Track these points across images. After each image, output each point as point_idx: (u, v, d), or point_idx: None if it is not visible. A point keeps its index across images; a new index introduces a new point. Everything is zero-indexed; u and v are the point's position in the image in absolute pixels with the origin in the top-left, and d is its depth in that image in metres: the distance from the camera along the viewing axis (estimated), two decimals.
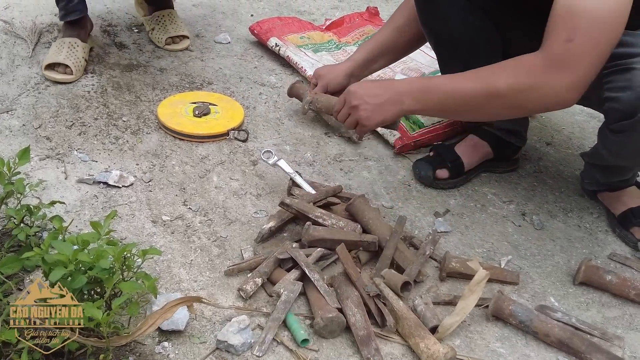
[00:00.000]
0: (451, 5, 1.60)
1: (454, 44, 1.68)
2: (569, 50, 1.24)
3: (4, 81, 2.08)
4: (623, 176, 1.67)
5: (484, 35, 1.63)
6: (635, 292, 1.46)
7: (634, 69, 1.31)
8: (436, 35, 1.70)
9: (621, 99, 1.33)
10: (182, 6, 2.72)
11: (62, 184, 1.66)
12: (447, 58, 1.75)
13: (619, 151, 1.48)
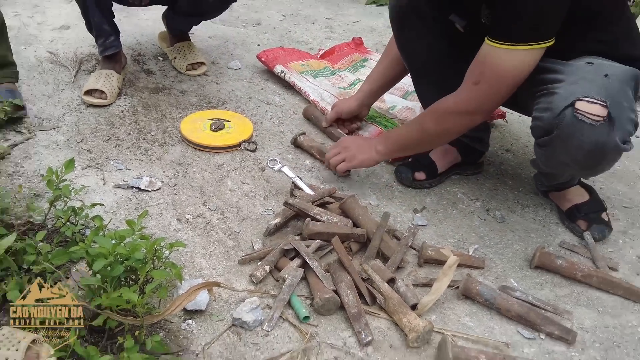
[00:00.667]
0: (420, 35, 1.65)
1: (422, 64, 1.73)
2: (474, 90, 1.41)
3: (51, 103, 2.08)
4: (558, 180, 1.67)
5: (447, 58, 1.68)
6: (582, 274, 1.47)
7: (555, 94, 1.32)
8: (408, 57, 1.74)
9: (543, 118, 1.34)
10: (200, 38, 2.72)
11: (101, 189, 1.66)
12: (419, 76, 1.79)
13: (546, 162, 1.48)
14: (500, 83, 1.37)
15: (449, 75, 1.64)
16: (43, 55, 2.42)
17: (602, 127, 1.27)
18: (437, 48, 1.66)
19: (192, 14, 2.27)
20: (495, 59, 1.34)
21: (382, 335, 1.27)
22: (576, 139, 1.29)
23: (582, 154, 1.32)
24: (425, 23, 1.63)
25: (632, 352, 1.30)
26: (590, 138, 1.28)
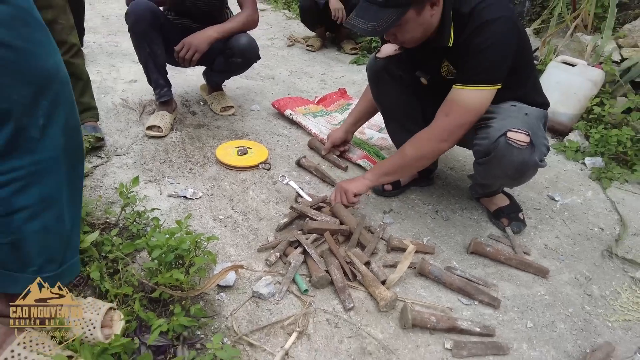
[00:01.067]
0: (391, 89, 1.66)
1: (392, 110, 1.73)
2: (444, 121, 1.37)
3: (123, 135, 2.09)
4: (490, 189, 1.67)
5: (409, 106, 1.68)
6: (504, 257, 1.47)
7: (491, 127, 1.36)
8: (382, 106, 1.74)
9: (482, 144, 1.37)
10: (230, 88, 2.73)
11: (158, 198, 1.66)
12: (388, 118, 1.79)
13: (484, 176, 1.50)
14: (467, 114, 1.34)
15: (411, 117, 1.68)
16: (117, 101, 2.43)
17: (527, 150, 1.30)
18: (402, 98, 1.67)
19: (225, 72, 2.28)
20: (463, 96, 1.33)
21: (360, 303, 1.27)
22: (508, 158, 1.32)
23: (512, 169, 1.35)
24: (394, 80, 1.63)
25: (540, 313, 1.30)
26: (519, 158, 1.31)
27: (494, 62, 1.29)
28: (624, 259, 1.55)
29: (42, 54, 0.81)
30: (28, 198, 0.85)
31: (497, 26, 1.26)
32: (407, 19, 1.29)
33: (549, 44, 2.88)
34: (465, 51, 1.31)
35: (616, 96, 2.49)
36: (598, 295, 1.39)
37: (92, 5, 4.47)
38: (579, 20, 2.87)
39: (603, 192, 1.97)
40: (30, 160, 0.83)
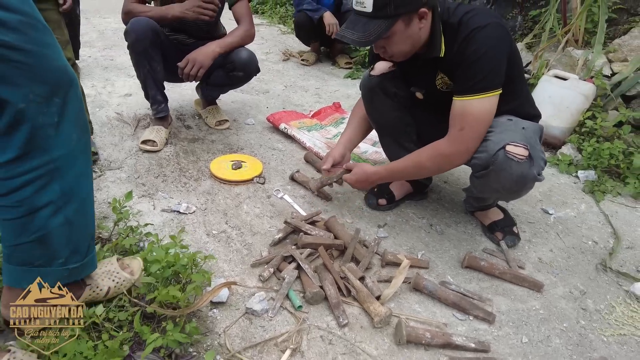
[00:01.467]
0: (384, 106, 1.66)
1: (386, 127, 1.73)
2: (461, 135, 1.35)
3: (117, 150, 2.08)
4: (485, 203, 1.68)
5: (404, 122, 1.69)
6: (499, 272, 1.47)
7: (489, 140, 1.36)
8: (376, 122, 1.74)
9: (481, 158, 1.37)
10: (225, 102, 2.74)
11: (152, 212, 1.66)
12: (382, 133, 1.78)
13: (481, 189, 1.50)
14: (480, 124, 1.34)
15: (405, 134, 1.69)
16: (112, 115, 2.43)
17: (526, 163, 1.31)
18: (397, 115, 1.67)
19: (224, 85, 2.29)
20: (472, 107, 1.32)
21: (355, 319, 1.26)
22: (506, 172, 1.33)
23: (511, 182, 1.36)
24: (389, 97, 1.64)
25: (535, 328, 1.30)
26: (517, 171, 1.32)
27: (492, 68, 1.29)
28: (618, 273, 1.55)
29: (52, 54, 0.86)
30: (50, 194, 0.91)
31: (488, 31, 1.28)
32: (395, 31, 1.31)
33: (541, 58, 2.91)
34: (461, 61, 1.32)
35: (607, 110, 2.52)
36: (593, 310, 1.39)
37: (88, 20, 4.50)
38: (570, 35, 2.91)
39: (596, 205, 1.97)
40: (48, 158, 0.88)
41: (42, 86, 0.84)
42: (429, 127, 1.67)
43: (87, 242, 1.04)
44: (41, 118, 0.85)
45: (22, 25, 0.80)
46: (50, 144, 0.88)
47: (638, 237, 1.76)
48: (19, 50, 0.80)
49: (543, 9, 3.33)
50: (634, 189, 2.04)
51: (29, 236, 0.92)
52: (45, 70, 0.85)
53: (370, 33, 1.29)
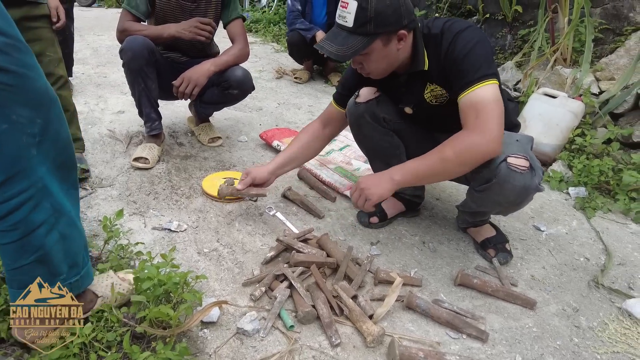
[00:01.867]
0: (373, 131, 1.66)
1: (377, 151, 1.73)
2: (479, 121, 1.28)
3: (109, 167, 2.07)
4: (484, 217, 1.68)
5: (394, 145, 1.70)
6: (492, 289, 1.46)
7: None
8: (366, 148, 1.75)
9: (483, 172, 1.39)
10: (218, 119, 2.75)
11: (143, 230, 1.64)
12: (371, 157, 1.79)
13: (481, 203, 1.51)
14: (493, 106, 1.27)
15: (395, 156, 1.70)
16: (104, 132, 2.42)
17: (528, 174, 1.33)
18: (386, 139, 1.68)
19: (219, 103, 2.30)
20: (478, 95, 1.28)
21: (347, 338, 1.25)
22: (510, 184, 1.34)
23: (514, 194, 1.37)
24: (378, 122, 1.64)
25: (529, 346, 1.29)
26: (521, 182, 1.33)
27: (485, 58, 1.30)
28: (610, 289, 1.55)
29: (34, 76, 0.87)
30: (43, 213, 0.92)
31: (470, 31, 1.34)
32: (373, 49, 1.34)
33: (530, 77, 2.96)
34: (452, 62, 1.34)
35: (596, 127, 2.55)
36: (586, 327, 1.38)
37: (82, 37, 4.52)
38: (559, 54, 2.97)
39: (587, 221, 1.99)
40: (35, 178, 0.89)
41: (25, 107, 0.85)
42: (417, 147, 1.68)
43: (82, 253, 1.05)
44: (25, 138, 0.86)
45: (7, 47, 0.81)
46: (34, 163, 0.89)
47: (629, 254, 1.77)
48: (4, 71, 0.80)
49: (532, 28, 3.39)
50: (624, 205, 2.06)
51: (28, 257, 0.93)
52: (28, 91, 0.85)
53: (348, 47, 1.32)
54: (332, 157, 2.33)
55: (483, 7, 3.79)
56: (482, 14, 3.80)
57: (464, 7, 3.99)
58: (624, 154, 2.37)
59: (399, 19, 1.31)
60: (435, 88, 1.47)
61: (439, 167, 1.33)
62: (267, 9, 6.13)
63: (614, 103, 2.54)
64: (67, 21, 2.58)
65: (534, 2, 3.40)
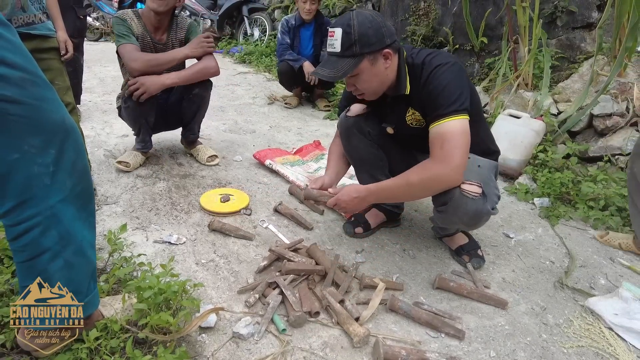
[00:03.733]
0: (360, 143, 1.67)
1: (362, 162, 1.74)
2: (443, 152, 1.28)
3: (113, 186, 2.05)
4: (449, 232, 1.69)
5: (377, 157, 1.71)
6: (467, 292, 1.47)
7: None
8: (353, 158, 1.75)
9: (440, 195, 1.40)
10: (215, 141, 2.75)
11: (145, 244, 1.62)
12: (358, 168, 1.79)
13: (443, 221, 1.52)
14: (459, 137, 1.27)
15: (379, 168, 1.71)
16: (109, 154, 2.41)
17: (480, 200, 1.33)
18: (371, 151, 1.69)
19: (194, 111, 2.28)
20: (446, 127, 1.28)
21: (335, 340, 1.24)
22: (463, 208, 1.34)
23: (467, 217, 1.37)
24: (364, 135, 1.65)
25: (502, 343, 1.29)
26: (472, 207, 1.33)
27: (458, 95, 1.30)
28: (573, 289, 1.56)
29: (49, 108, 0.85)
30: (49, 240, 0.89)
31: (449, 67, 1.34)
32: (362, 69, 1.35)
33: (496, 100, 3.02)
34: (429, 94, 1.34)
35: (556, 144, 2.61)
36: (553, 324, 1.39)
37: (90, 68, 4.51)
38: (521, 79, 3.04)
39: (552, 228, 2.01)
40: (45, 205, 0.87)
41: (37, 138, 0.83)
42: (400, 161, 1.70)
43: (87, 281, 1.01)
44: (36, 168, 0.84)
45: (23, 81, 0.80)
46: (47, 192, 0.87)
47: (589, 257, 1.79)
48: (17, 103, 0.79)
49: (497, 57, 3.48)
50: (584, 213, 2.09)
51: (32, 280, 0.92)
52: (42, 122, 0.84)
53: (339, 69, 1.33)
54: (320, 174, 2.34)
55: (453, 38, 3.88)
56: (453, 45, 3.89)
57: (436, 39, 4.08)
58: (581, 167, 2.42)
59: (382, 38, 1.33)
60: (415, 113, 1.49)
61: (404, 191, 1.37)
62: (259, 42, 6.20)
63: (571, 122, 2.59)
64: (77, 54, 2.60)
65: (498, 34, 3.49)
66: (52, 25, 1.74)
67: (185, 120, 2.33)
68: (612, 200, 2.07)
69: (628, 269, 1.72)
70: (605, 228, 2.02)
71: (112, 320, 1.09)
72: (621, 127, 2.44)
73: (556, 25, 3.16)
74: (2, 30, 0.77)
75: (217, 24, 6.65)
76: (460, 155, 1.28)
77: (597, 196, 2.12)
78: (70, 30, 2.13)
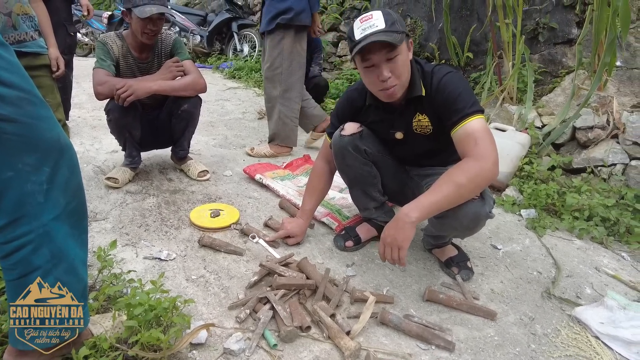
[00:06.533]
0: (355, 162, 1.67)
1: (357, 180, 1.75)
2: (479, 148, 1.29)
3: (103, 202, 2.04)
4: (444, 240, 1.70)
5: (371, 175, 1.72)
6: (456, 303, 1.48)
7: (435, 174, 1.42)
8: (347, 176, 1.75)
9: None
10: (205, 155, 2.76)
11: (135, 260, 1.61)
12: (352, 185, 1.80)
13: (440, 228, 1.54)
14: (488, 134, 1.32)
15: (372, 184, 1.73)
16: (98, 170, 2.40)
17: (479, 202, 1.37)
18: (365, 169, 1.70)
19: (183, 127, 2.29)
20: (473, 126, 1.32)
21: (327, 354, 1.23)
22: (463, 211, 1.38)
23: (467, 220, 1.40)
24: (359, 154, 1.65)
25: (491, 353, 1.30)
26: (472, 210, 1.37)
27: (474, 97, 1.38)
28: (560, 299, 1.59)
29: (44, 127, 0.86)
30: (40, 258, 0.89)
31: (458, 75, 1.42)
32: (402, 49, 1.35)
33: None
34: (444, 100, 1.38)
35: (541, 156, 2.66)
36: (541, 334, 1.40)
37: (79, 84, 4.51)
38: (506, 93, 3.12)
39: (538, 239, 2.04)
40: (38, 223, 0.86)
41: (32, 156, 0.83)
42: (392, 178, 1.73)
43: (78, 299, 1.00)
44: (29, 186, 0.84)
45: (20, 100, 0.81)
46: (40, 210, 0.87)
47: (575, 267, 1.82)
48: (13, 122, 0.80)
49: (482, 72, 3.56)
50: (569, 223, 2.13)
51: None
52: (37, 141, 0.84)
53: (395, 37, 1.30)
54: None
55: (439, 54, 3.97)
56: (439, 60, 3.97)
57: (423, 55, 4.16)
58: (566, 178, 2.47)
59: (405, 27, 1.38)
60: (423, 119, 1.51)
61: (456, 194, 1.28)
62: (248, 58, 6.26)
63: (555, 135, 2.66)
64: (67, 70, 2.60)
65: (483, 49, 3.59)
66: (43, 43, 1.75)
67: (174, 136, 2.34)
68: (596, 210, 2.12)
69: (613, 278, 1.75)
70: (590, 238, 2.06)
71: (101, 339, 1.08)
72: (602, 140, 2.50)
73: (538, 41, 3.26)
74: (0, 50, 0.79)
75: (206, 40, 6.71)
76: (494, 150, 1.30)
77: (582, 207, 2.16)
78: (62, 47, 2.15)
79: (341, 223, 1.97)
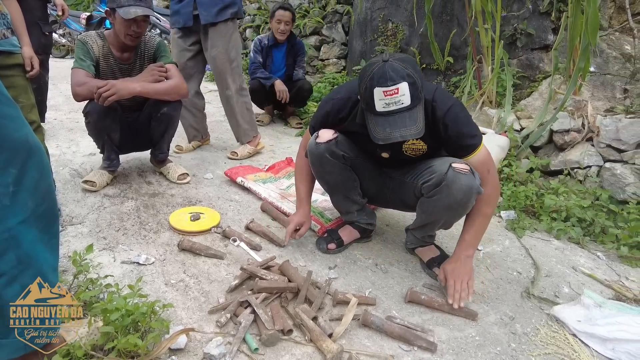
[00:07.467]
0: (332, 168, 1.66)
1: (337, 185, 1.74)
2: (490, 176, 1.49)
3: (79, 205, 1.99)
4: (431, 231, 1.69)
5: (351, 179, 1.72)
6: (438, 304, 1.49)
7: (434, 166, 1.50)
8: (327, 183, 1.75)
9: (432, 178, 1.48)
10: (185, 159, 2.72)
11: (112, 264, 1.57)
12: (331, 191, 1.79)
13: (432, 209, 1.54)
14: (493, 163, 1.51)
15: (352, 188, 1.73)
16: (75, 173, 2.34)
17: (470, 175, 1.41)
18: (345, 174, 1.68)
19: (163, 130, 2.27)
20: (483, 155, 1.47)
21: (309, 357, 1.23)
22: (457, 184, 1.41)
23: (461, 193, 1.43)
24: (337, 160, 1.63)
25: (473, 353, 1.31)
26: (466, 182, 1.41)
27: (474, 126, 1.48)
28: (539, 298, 1.61)
29: (11, 126, 0.82)
30: (6, 264, 0.84)
31: (460, 105, 1.46)
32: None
33: None
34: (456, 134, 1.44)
35: (520, 158, 2.71)
36: (521, 333, 1.42)
37: (55, 85, 4.41)
38: (485, 97, 3.17)
39: (518, 240, 2.08)
40: (3, 227, 0.82)
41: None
42: (370, 180, 1.74)
43: None
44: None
45: None
46: (6, 213, 0.82)
47: (554, 266, 1.85)
48: None
49: (462, 76, 3.62)
50: (547, 225, 2.17)
51: None
52: (3, 141, 0.80)
53: (418, 122, 1.32)
54: (293, 191, 2.34)
55: (420, 58, 4.02)
56: (420, 64, 4.02)
57: None
58: (544, 181, 2.53)
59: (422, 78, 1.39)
60: (417, 142, 1.54)
61: (488, 223, 1.56)
62: None
63: (533, 138, 2.71)
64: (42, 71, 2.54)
65: (463, 54, 3.64)
66: (16, 41, 1.70)
67: (154, 139, 2.31)
68: (573, 211, 2.17)
69: (589, 277, 1.79)
70: (568, 238, 2.11)
71: (75, 346, 1.04)
72: (578, 142, 2.57)
73: (516, 46, 3.33)
74: None
75: None
76: (496, 173, 1.54)
77: (559, 208, 2.21)
78: (35, 47, 2.09)
79: (323, 226, 1.96)
